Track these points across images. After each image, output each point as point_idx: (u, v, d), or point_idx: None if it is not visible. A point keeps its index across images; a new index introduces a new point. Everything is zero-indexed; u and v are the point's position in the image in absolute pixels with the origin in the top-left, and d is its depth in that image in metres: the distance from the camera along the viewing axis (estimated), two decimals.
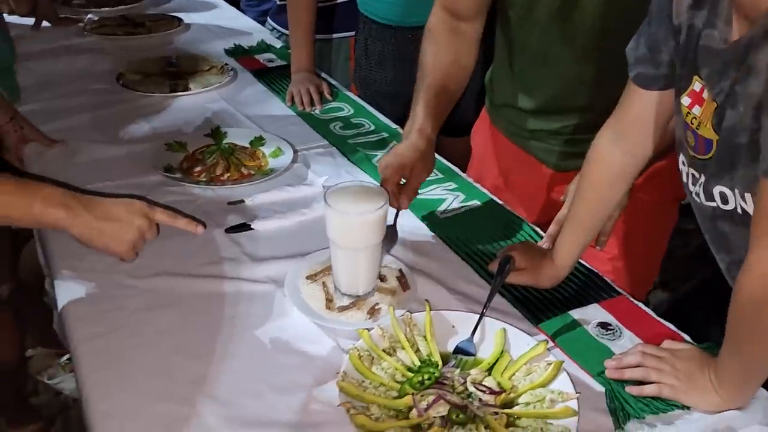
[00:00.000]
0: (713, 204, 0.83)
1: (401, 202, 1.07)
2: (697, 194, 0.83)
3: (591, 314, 1.01)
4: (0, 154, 1.41)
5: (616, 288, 1.07)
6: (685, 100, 0.81)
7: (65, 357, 1.88)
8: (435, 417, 0.80)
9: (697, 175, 0.83)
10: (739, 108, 0.74)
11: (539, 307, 1.02)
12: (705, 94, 0.78)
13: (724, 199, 0.81)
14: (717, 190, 0.81)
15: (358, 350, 0.88)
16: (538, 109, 1.26)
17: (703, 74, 0.78)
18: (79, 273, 1.06)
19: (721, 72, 0.76)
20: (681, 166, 0.86)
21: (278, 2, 2.11)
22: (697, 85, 0.79)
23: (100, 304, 0.99)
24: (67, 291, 1.03)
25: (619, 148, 0.97)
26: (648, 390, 0.86)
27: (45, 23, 2.08)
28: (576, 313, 1.01)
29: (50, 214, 0.88)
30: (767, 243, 0.73)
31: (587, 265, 1.11)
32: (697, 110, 0.79)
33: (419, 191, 1.29)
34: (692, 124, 0.80)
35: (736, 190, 0.79)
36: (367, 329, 0.91)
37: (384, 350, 0.89)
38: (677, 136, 0.86)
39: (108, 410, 0.83)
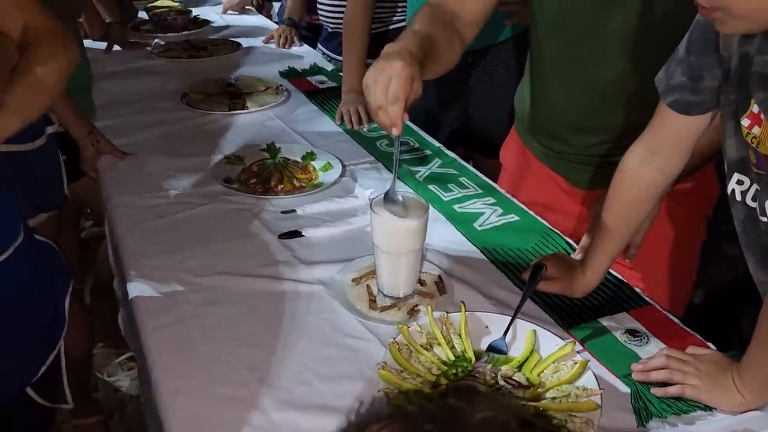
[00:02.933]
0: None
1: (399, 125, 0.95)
2: (760, 209, 0.85)
3: (620, 322, 1.06)
4: (78, 164, 1.55)
5: (645, 298, 1.12)
6: (745, 122, 0.84)
7: (124, 356, 2.01)
8: None
9: (759, 188, 0.85)
10: None
11: (570, 313, 1.08)
12: (763, 116, 0.81)
13: None
14: None
15: (397, 343, 0.96)
16: (563, 127, 1.28)
17: (757, 98, 0.81)
18: (148, 271, 1.17)
19: None
20: (739, 184, 0.88)
21: (329, 30, 2.24)
22: (755, 108, 0.82)
23: (167, 298, 1.10)
24: (137, 287, 1.14)
25: (651, 167, 1.01)
26: (671, 390, 0.91)
27: (116, 47, 2.26)
28: (605, 321, 1.06)
29: None
30: None
31: (618, 276, 1.16)
32: (756, 130, 0.82)
33: (459, 205, 1.37)
34: (752, 143, 0.83)
35: None
36: (406, 325, 0.99)
37: (421, 345, 0.97)
38: (734, 156, 0.88)
39: (175, 389, 0.93)
